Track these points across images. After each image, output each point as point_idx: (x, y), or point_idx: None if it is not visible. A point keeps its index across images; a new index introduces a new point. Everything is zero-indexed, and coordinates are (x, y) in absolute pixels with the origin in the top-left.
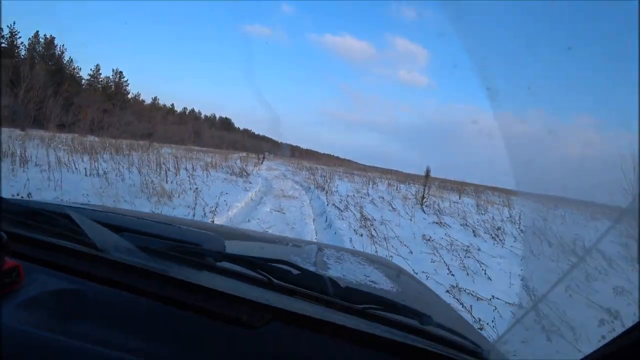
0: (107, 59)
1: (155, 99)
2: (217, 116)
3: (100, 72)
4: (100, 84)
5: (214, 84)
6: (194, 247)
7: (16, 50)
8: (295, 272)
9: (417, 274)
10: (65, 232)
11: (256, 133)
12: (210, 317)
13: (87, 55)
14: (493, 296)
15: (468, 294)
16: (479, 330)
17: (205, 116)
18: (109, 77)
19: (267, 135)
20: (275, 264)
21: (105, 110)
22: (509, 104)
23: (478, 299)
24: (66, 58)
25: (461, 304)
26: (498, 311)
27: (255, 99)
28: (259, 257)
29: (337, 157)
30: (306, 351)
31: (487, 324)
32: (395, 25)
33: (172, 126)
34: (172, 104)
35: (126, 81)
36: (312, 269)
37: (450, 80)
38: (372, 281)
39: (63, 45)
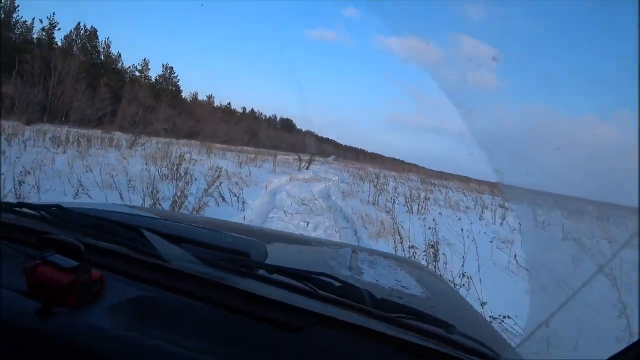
0: (165, 58)
1: (210, 97)
2: (279, 117)
3: (149, 67)
4: (147, 79)
5: (277, 87)
6: (245, 259)
7: (54, 43)
8: (337, 284)
9: None
10: (132, 243)
11: (319, 135)
12: (263, 322)
13: (139, 53)
14: None
15: None
16: (502, 336)
17: (265, 117)
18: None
19: (330, 137)
20: (319, 276)
21: (150, 107)
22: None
23: None
24: (114, 53)
25: None
26: None
27: (317, 101)
28: (304, 270)
29: (403, 162)
30: (345, 354)
31: None
32: (462, 24)
33: (223, 125)
34: (229, 102)
35: (176, 77)
36: (348, 274)
37: (523, 79)
38: (403, 287)
39: (108, 39)
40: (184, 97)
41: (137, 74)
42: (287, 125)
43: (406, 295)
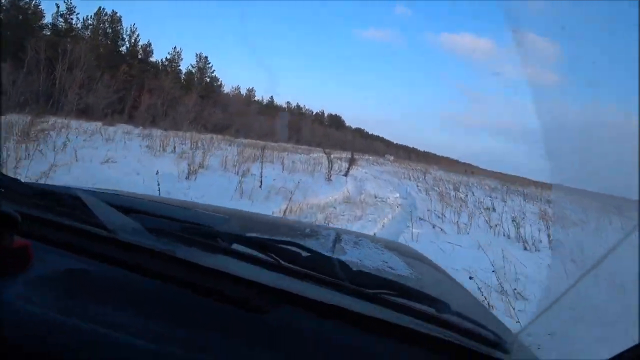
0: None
1: (250, 90)
2: (327, 113)
3: (180, 56)
4: (176, 68)
5: (327, 84)
6: (202, 227)
7: (73, 28)
8: (304, 254)
9: None
10: (74, 213)
11: (369, 132)
12: (218, 300)
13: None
14: None
15: None
16: (502, 322)
17: (311, 112)
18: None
19: (380, 135)
20: (284, 245)
21: (175, 98)
22: None
23: None
24: (142, 41)
25: None
26: None
27: (368, 99)
28: (267, 239)
29: (456, 161)
30: (314, 335)
31: None
32: (519, 20)
33: (262, 119)
34: (271, 96)
35: (210, 67)
36: (328, 253)
37: (585, 74)
38: (389, 267)
39: (133, 25)
40: (223, 89)
41: (165, 62)
42: (335, 121)
43: (391, 275)
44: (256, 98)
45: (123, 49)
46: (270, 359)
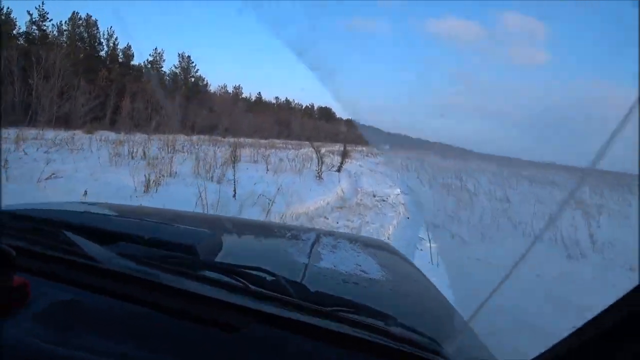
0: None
1: (237, 87)
2: (316, 106)
3: (162, 57)
4: (158, 70)
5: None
6: (181, 256)
7: (46, 35)
8: (269, 278)
9: None
10: (63, 246)
11: (362, 123)
12: (196, 322)
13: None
14: None
15: None
16: (461, 316)
17: (301, 106)
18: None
19: (373, 125)
20: (251, 270)
21: (157, 101)
22: None
23: None
24: (121, 44)
25: None
26: None
27: (356, 89)
28: (236, 265)
29: (450, 146)
30: (283, 351)
31: None
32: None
33: (251, 116)
34: (259, 92)
35: (194, 66)
36: (305, 261)
37: (574, 52)
38: (362, 270)
39: (110, 28)
40: (209, 88)
41: (148, 65)
42: (326, 114)
43: (363, 280)
44: (244, 95)
45: (102, 53)
46: None
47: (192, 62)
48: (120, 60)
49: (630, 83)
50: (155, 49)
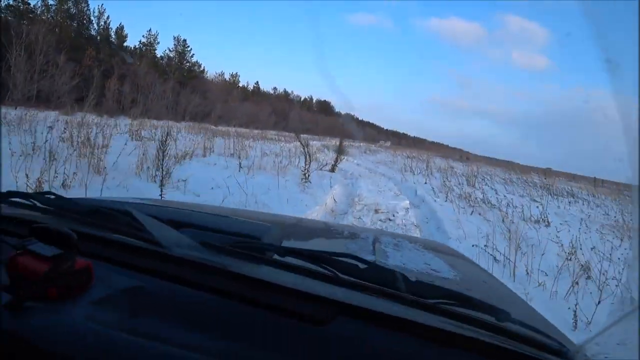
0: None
1: (234, 75)
2: (315, 99)
3: (157, 40)
4: (152, 53)
5: (314, 70)
6: (254, 241)
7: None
8: (362, 265)
9: None
10: (127, 230)
11: (360, 118)
12: (276, 313)
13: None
14: None
15: None
16: (560, 331)
17: (299, 98)
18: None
19: (371, 121)
20: (340, 257)
21: (150, 85)
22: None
23: None
24: (114, 25)
25: None
26: None
27: (358, 85)
28: (322, 251)
29: (447, 146)
30: (375, 348)
31: None
32: (507, 3)
33: (247, 105)
34: (257, 82)
35: (190, 50)
36: (371, 258)
37: (573, 61)
38: (433, 269)
39: (101, 6)
40: (206, 75)
41: (141, 47)
42: (324, 107)
43: (437, 279)
44: (241, 84)
45: (92, 32)
46: None
47: (188, 47)
48: (113, 41)
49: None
50: (149, 30)
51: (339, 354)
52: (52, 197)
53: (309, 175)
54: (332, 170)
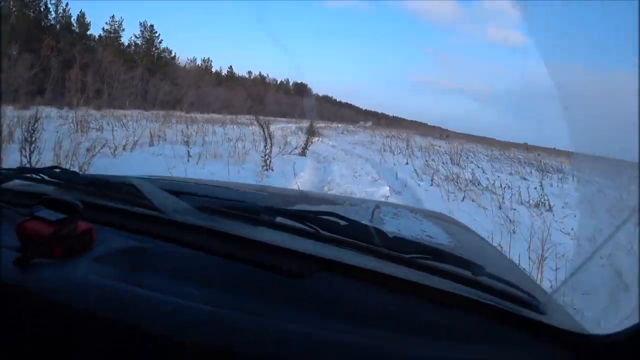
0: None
1: (206, 60)
2: (292, 81)
3: (122, 27)
4: (117, 40)
5: (290, 54)
6: (245, 204)
7: None
8: (342, 223)
9: None
10: (129, 198)
11: (338, 100)
12: (262, 268)
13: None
14: None
15: None
16: (538, 284)
17: (276, 81)
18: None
19: (349, 102)
20: (323, 215)
21: (111, 74)
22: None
23: None
24: (75, 12)
25: None
26: None
27: (335, 67)
28: (307, 210)
29: (426, 125)
30: (354, 300)
31: None
32: None
33: (221, 90)
34: (230, 66)
35: (158, 36)
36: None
37: (551, 35)
38: (428, 235)
39: None
40: (178, 62)
41: (105, 35)
42: (302, 89)
43: (430, 244)
44: (214, 69)
45: (51, 20)
46: (312, 321)
47: (156, 32)
48: (75, 30)
49: (609, 67)
50: (113, 16)
51: (318, 305)
52: (59, 170)
53: (270, 162)
54: (303, 154)
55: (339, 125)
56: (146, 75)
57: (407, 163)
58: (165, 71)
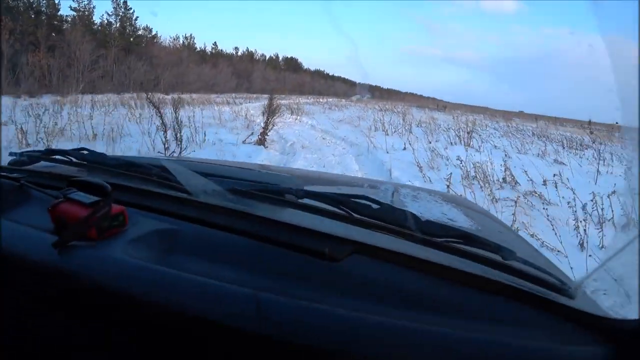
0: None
1: (189, 37)
2: (281, 56)
3: (92, 5)
4: (88, 19)
5: (283, 26)
6: (276, 185)
7: None
8: (375, 206)
9: None
10: (159, 180)
11: (330, 74)
12: (295, 251)
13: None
14: None
15: None
16: (562, 271)
17: (265, 57)
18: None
19: (342, 75)
20: (355, 199)
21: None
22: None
23: None
24: None
25: None
26: None
27: (327, 39)
28: (338, 193)
29: (421, 96)
30: (387, 283)
31: None
32: None
33: (206, 68)
34: (215, 42)
35: (132, 13)
36: None
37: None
38: (449, 219)
39: None
40: (160, 40)
41: (73, 14)
42: (292, 64)
43: (455, 225)
44: (198, 46)
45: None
46: (345, 303)
47: (130, 8)
48: (45, 11)
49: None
50: None
51: (351, 288)
52: (86, 152)
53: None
54: (261, 141)
55: (329, 99)
56: (122, 56)
57: (404, 148)
58: (144, 51)
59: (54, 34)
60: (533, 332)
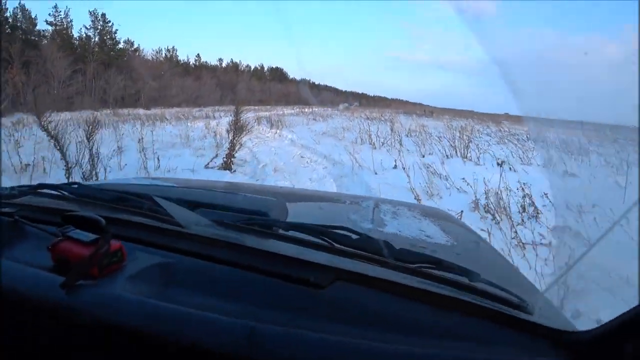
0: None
1: (171, 50)
2: (267, 67)
3: (69, 18)
4: (66, 33)
5: (266, 37)
6: (262, 218)
7: None
8: (354, 236)
9: None
10: (150, 213)
11: (316, 82)
12: (282, 280)
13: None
14: None
15: None
16: (530, 282)
17: (249, 68)
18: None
19: (329, 84)
20: (336, 229)
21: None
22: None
23: None
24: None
25: None
26: None
27: (312, 49)
28: (320, 225)
29: (407, 102)
30: (367, 307)
31: None
32: None
33: (189, 81)
34: (198, 54)
35: (111, 26)
36: (369, 226)
37: (520, 3)
38: (427, 235)
39: None
40: (142, 53)
41: (50, 28)
42: (278, 74)
43: (429, 244)
44: (181, 59)
45: None
46: (329, 328)
47: (109, 22)
48: (21, 25)
49: (582, 30)
50: (56, 6)
51: (336, 313)
52: (76, 186)
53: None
54: (227, 165)
55: (315, 109)
56: (101, 70)
57: (395, 167)
58: (124, 64)
59: (26, 51)
60: (498, 348)
